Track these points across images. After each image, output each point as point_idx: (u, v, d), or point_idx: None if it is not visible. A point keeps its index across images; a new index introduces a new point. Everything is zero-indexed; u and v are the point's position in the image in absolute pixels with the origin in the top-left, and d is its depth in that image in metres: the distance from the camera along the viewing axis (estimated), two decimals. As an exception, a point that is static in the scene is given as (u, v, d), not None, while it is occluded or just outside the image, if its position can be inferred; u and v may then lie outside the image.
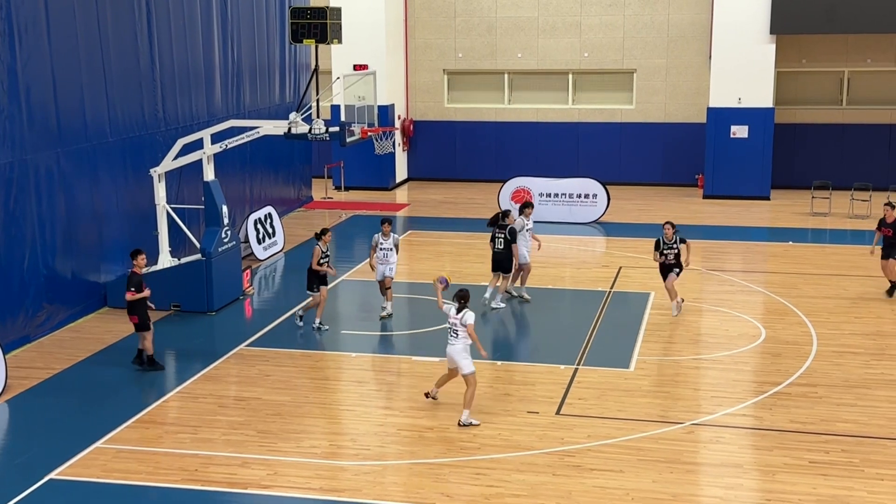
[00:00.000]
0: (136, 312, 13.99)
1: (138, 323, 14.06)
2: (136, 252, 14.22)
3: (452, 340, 12.30)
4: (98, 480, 10.82)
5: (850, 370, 14.05)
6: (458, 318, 12.25)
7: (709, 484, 10.82)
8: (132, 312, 14.03)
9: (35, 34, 15.16)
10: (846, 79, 27.90)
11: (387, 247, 16.38)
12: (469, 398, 12.16)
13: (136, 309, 13.97)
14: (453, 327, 12.31)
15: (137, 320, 14.03)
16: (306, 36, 16.60)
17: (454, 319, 12.32)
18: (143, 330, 14.07)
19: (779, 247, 21.87)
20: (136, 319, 14.02)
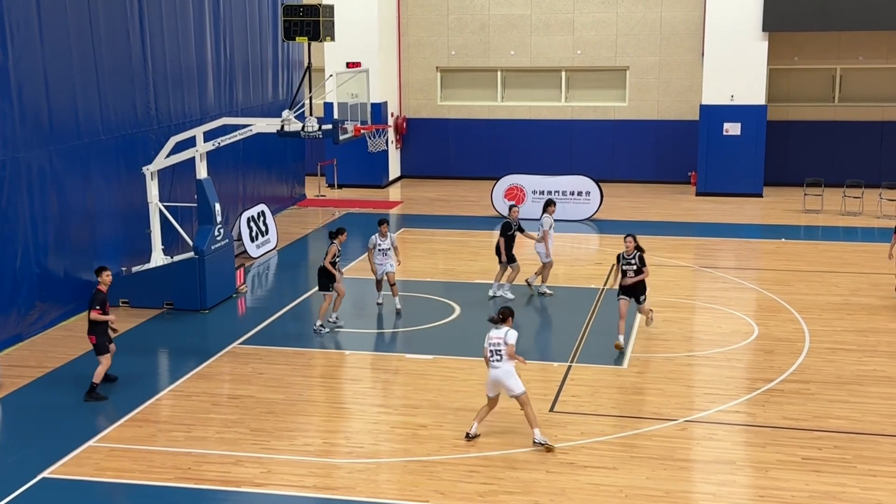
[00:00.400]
0: (95, 333, 12.92)
1: (97, 344, 12.94)
2: (102, 269, 13.24)
3: (496, 363, 11.29)
4: (91, 479, 10.80)
5: (843, 367, 14.09)
6: (503, 337, 11.34)
7: (702, 481, 10.85)
8: (92, 332, 12.92)
9: (27, 32, 15.11)
10: (838, 76, 27.97)
11: (385, 247, 16.37)
12: (533, 417, 11.42)
13: (96, 329, 12.91)
14: (496, 349, 11.31)
15: (96, 341, 12.94)
16: (299, 33, 16.57)
17: (497, 340, 11.33)
18: (100, 353, 12.96)
19: (771, 244, 21.92)
20: (95, 340, 12.94)
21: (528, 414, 11.45)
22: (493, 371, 11.37)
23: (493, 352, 11.37)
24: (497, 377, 11.36)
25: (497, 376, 11.36)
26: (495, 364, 11.35)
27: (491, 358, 11.38)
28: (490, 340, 11.40)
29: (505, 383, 11.35)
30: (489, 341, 11.40)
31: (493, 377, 11.40)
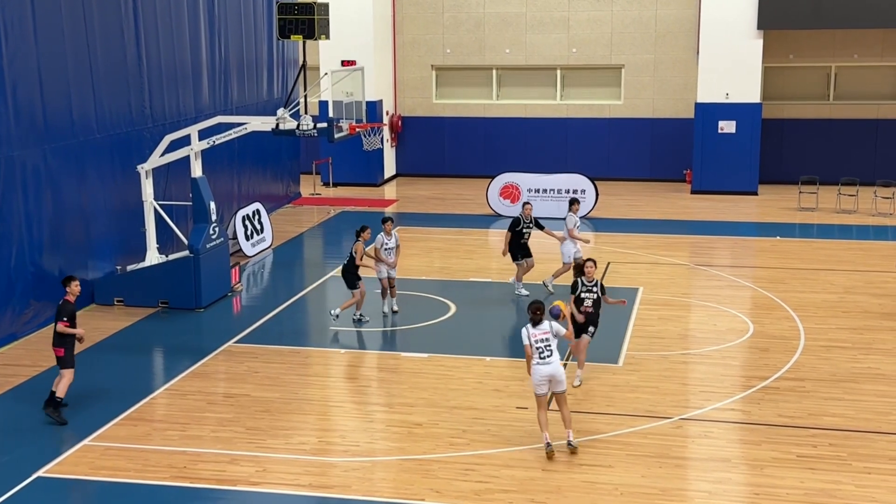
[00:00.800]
0: (63, 345, 12.23)
1: (63, 357, 12.24)
2: (70, 278, 12.53)
3: (549, 359, 11.11)
4: (86, 478, 10.79)
5: (838, 364, 14.11)
6: (551, 332, 11.19)
7: (697, 478, 10.86)
8: (59, 344, 12.22)
9: (21, 30, 15.07)
10: (833, 74, 28.00)
11: (391, 245, 16.34)
12: (570, 417, 11.36)
13: (63, 341, 12.22)
14: (545, 344, 11.13)
15: (63, 353, 12.24)
16: (294, 32, 16.56)
17: (543, 336, 11.15)
18: (67, 367, 12.26)
19: (766, 242, 21.94)
20: (62, 352, 12.23)
21: (567, 413, 11.34)
22: (547, 367, 11.10)
23: (542, 348, 11.12)
24: (554, 371, 11.12)
25: (553, 370, 11.11)
26: (548, 360, 11.11)
27: (542, 355, 11.11)
28: (534, 338, 11.12)
29: (561, 376, 11.18)
30: (533, 339, 11.11)
31: (549, 372, 11.11)
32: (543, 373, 11.14)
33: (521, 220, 17.20)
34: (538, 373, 11.14)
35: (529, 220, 17.23)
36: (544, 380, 11.16)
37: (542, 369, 11.14)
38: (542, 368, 11.14)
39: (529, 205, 17.46)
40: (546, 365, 11.13)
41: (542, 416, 11.22)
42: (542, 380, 11.16)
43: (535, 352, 11.15)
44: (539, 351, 11.14)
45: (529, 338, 11.17)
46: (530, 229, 17.27)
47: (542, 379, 11.16)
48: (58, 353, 12.33)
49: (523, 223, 17.18)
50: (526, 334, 11.20)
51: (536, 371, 11.15)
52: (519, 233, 17.19)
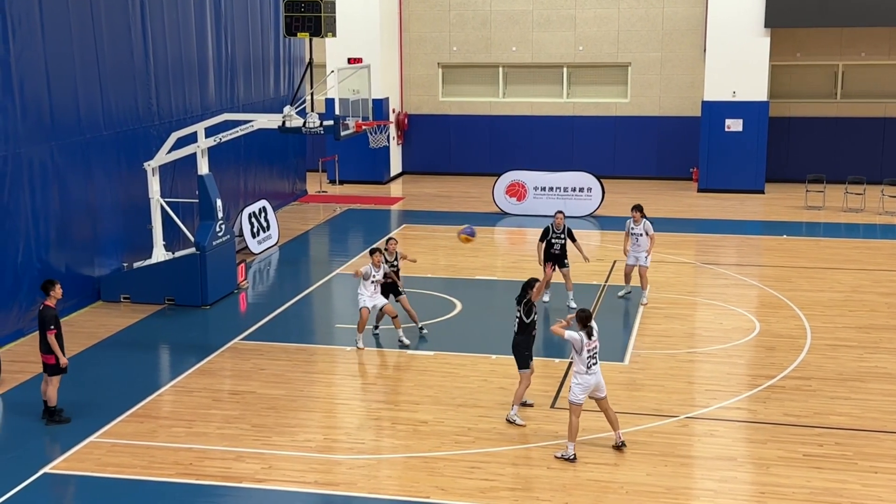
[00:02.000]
0: (53, 351, 11.98)
1: (53, 365, 12.01)
2: (52, 282, 12.18)
3: (595, 368, 11.12)
4: (93, 474, 10.81)
5: (844, 363, 14.08)
6: (598, 341, 11.22)
7: (703, 477, 10.84)
8: (48, 351, 11.98)
9: (28, 27, 15.10)
10: (840, 72, 27.93)
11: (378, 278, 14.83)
12: (616, 418, 11.40)
13: (53, 348, 12.01)
14: (594, 353, 11.14)
15: (54, 360, 12.01)
16: (300, 29, 16.56)
17: (594, 344, 11.14)
18: (57, 373, 12.08)
19: (773, 240, 21.90)
20: (53, 360, 12.01)
21: (613, 416, 11.37)
22: (594, 377, 11.09)
23: (592, 356, 11.09)
24: (599, 381, 11.15)
25: (599, 380, 11.15)
26: (594, 370, 11.10)
27: (590, 364, 11.07)
28: (587, 346, 11.05)
29: (603, 383, 11.24)
30: (586, 346, 11.04)
31: (595, 382, 11.12)
32: (591, 382, 11.11)
33: (551, 230, 16.53)
34: (585, 382, 11.10)
35: (560, 230, 16.48)
36: (589, 389, 11.14)
37: (589, 379, 11.10)
38: (590, 378, 11.10)
39: (561, 213, 16.60)
40: (593, 375, 11.11)
41: (576, 423, 11.10)
42: (586, 389, 11.11)
43: (586, 361, 11.06)
44: (589, 360, 11.09)
45: (583, 345, 11.04)
46: (561, 240, 16.48)
47: (587, 388, 11.12)
48: (48, 361, 12.06)
49: (553, 233, 16.49)
50: (579, 339, 11.05)
51: (584, 381, 11.09)
52: (549, 243, 16.53)
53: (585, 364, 11.07)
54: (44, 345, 12.07)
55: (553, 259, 16.35)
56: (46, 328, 11.95)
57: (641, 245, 16.95)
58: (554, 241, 16.51)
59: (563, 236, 16.55)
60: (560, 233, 16.53)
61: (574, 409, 11.10)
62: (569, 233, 16.64)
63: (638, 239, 17.00)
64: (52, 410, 12.21)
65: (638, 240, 16.99)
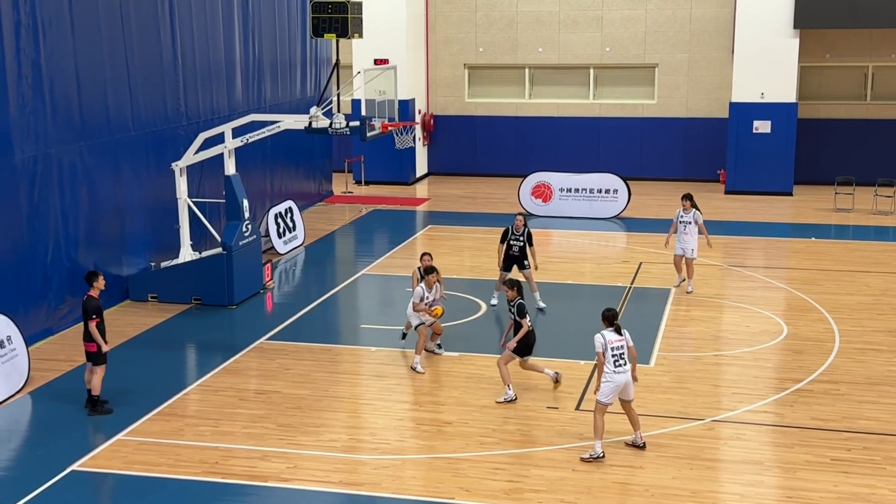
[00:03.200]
0: (94, 340, 12.27)
1: (95, 353, 12.30)
2: (95, 274, 12.49)
3: (623, 368, 10.98)
4: (120, 472, 10.90)
5: (873, 367, 13.95)
6: (625, 339, 11.04)
7: (729, 481, 10.77)
8: (91, 340, 12.27)
9: (59, 28, 15.25)
10: (870, 74, 27.66)
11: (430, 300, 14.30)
12: (637, 418, 11.36)
13: (94, 337, 12.28)
14: (620, 352, 10.96)
15: (95, 349, 12.30)
16: (327, 30, 16.61)
17: (619, 343, 10.99)
18: (100, 363, 12.35)
19: (801, 243, 21.73)
20: (95, 348, 12.29)
21: (635, 416, 11.33)
22: (622, 376, 10.96)
23: (617, 356, 10.96)
24: (627, 380, 11.02)
25: (627, 379, 11.01)
26: (622, 369, 10.96)
27: (617, 363, 10.95)
28: (611, 345, 10.92)
29: (631, 387, 11.13)
30: (609, 345, 10.92)
31: (624, 381, 10.97)
32: (619, 381, 10.99)
33: (511, 232, 16.45)
34: (613, 381, 10.97)
35: (520, 232, 16.39)
36: (617, 389, 11.01)
37: (617, 378, 10.99)
38: (618, 377, 10.99)
39: (521, 216, 16.59)
40: (622, 374, 10.99)
41: (602, 422, 11.03)
42: (614, 389, 10.99)
43: (611, 360, 10.95)
44: (615, 359, 10.97)
45: (606, 345, 10.94)
46: (519, 242, 16.37)
47: (616, 388, 11.00)
48: (90, 349, 12.37)
49: (512, 234, 16.46)
50: (601, 342, 10.96)
51: (612, 380, 10.97)
52: (508, 244, 16.47)
53: (612, 363, 10.98)
54: (87, 333, 12.31)
55: (512, 260, 16.50)
56: (89, 317, 12.19)
57: (689, 234, 17.44)
58: (513, 242, 16.46)
59: (522, 239, 16.47)
60: (519, 235, 16.47)
61: (599, 408, 11.05)
62: (528, 236, 16.51)
63: (686, 227, 17.51)
64: (94, 400, 12.42)
65: (686, 227, 17.51)
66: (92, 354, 12.38)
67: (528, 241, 16.50)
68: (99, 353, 12.33)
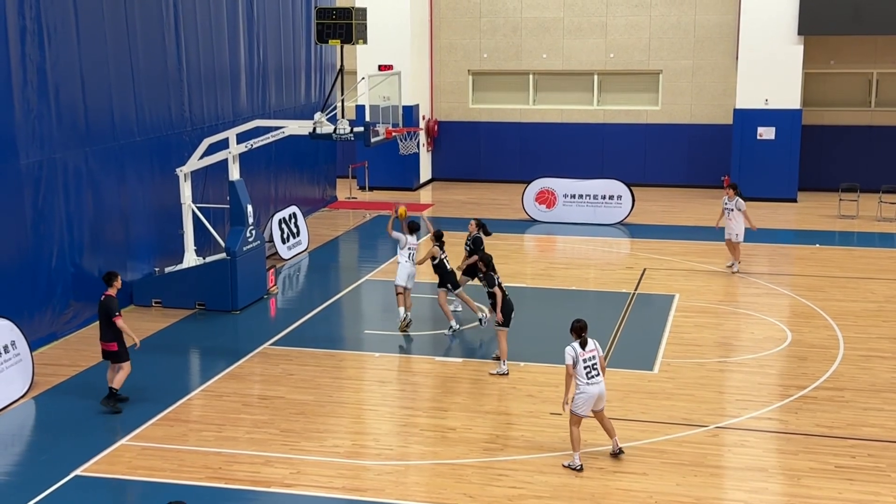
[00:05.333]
0: (115, 339, 12.56)
1: (117, 352, 12.58)
2: (114, 274, 12.80)
3: (597, 378, 10.90)
4: (123, 477, 10.90)
5: (878, 374, 13.92)
6: (595, 350, 11.00)
7: (733, 488, 10.75)
8: (112, 339, 12.54)
9: (64, 34, 15.29)
10: (875, 80, 27.65)
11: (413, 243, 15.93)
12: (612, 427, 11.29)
13: (116, 335, 12.55)
14: (592, 363, 10.92)
15: (117, 348, 12.58)
16: (332, 36, 16.63)
17: (591, 354, 10.94)
18: (122, 360, 12.66)
19: (806, 249, 21.70)
20: (116, 347, 12.58)
21: (609, 425, 11.27)
22: (595, 388, 10.89)
23: (590, 367, 10.89)
24: (602, 392, 10.96)
25: (601, 390, 10.95)
26: (595, 380, 10.90)
27: (589, 374, 10.87)
28: (583, 357, 10.86)
29: (604, 394, 11.05)
30: (581, 357, 10.85)
31: (597, 392, 10.91)
32: (592, 392, 10.91)
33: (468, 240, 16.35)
34: (586, 393, 10.89)
35: (470, 238, 16.32)
36: (591, 400, 10.93)
37: (591, 389, 10.90)
38: (591, 389, 10.91)
39: (473, 222, 16.50)
40: (594, 385, 10.92)
41: (577, 434, 10.99)
42: (588, 400, 10.91)
43: (584, 372, 10.86)
44: (587, 370, 10.89)
45: (577, 357, 10.86)
46: (466, 248, 16.42)
47: (589, 399, 10.91)
48: (111, 349, 12.61)
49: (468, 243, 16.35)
50: (572, 353, 10.88)
51: (584, 391, 10.89)
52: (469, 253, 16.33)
53: (584, 375, 10.86)
54: (107, 333, 12.54)
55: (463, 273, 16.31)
56: (113, 315, 12.43)
57: (734, 219, 18.95)
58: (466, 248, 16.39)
59: (468, 245, 16.30)
60: (468, 242, 16.32)
61: (574, 419, 10.97)
62: (474, 241, 16.22)
63: (730, 213, 18.99)
64: (112, 393, 12.62)
65: (730, 214, 19.00)
66: (113, 353, 12.60)
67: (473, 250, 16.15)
68: (121, 351, 12.57)
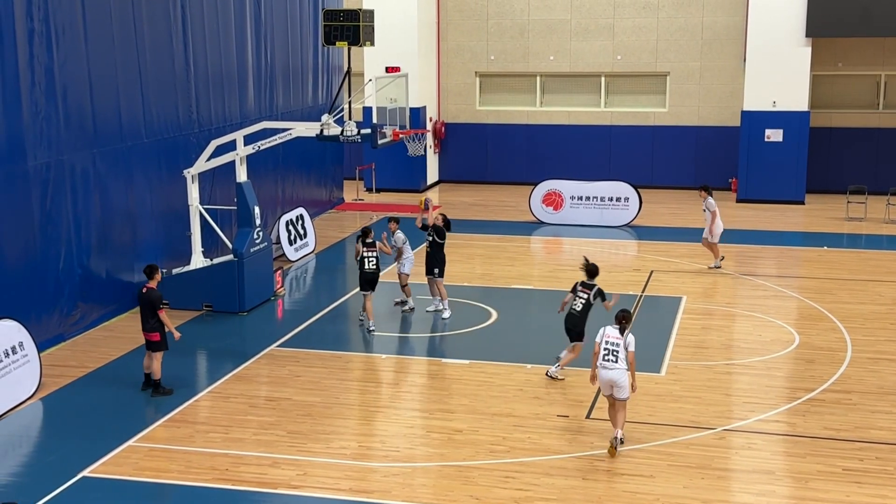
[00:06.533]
0: (158, 329, 13.08)
1: (159, 342, 13.12)
2: (155, 267, 13.41)
3: (611, 364, 11.27)
4: (130, 478, 10.91)
5: (885, 377, 13.88)
6: (622, 340, 11.31)
7: (740, 490, 10.72)
8: (154, 329, 13.09)
9: (72, 36, 15.33)
10: (883, 82, 27.58)
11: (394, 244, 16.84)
12: (623, 420, 11.47)
13: (159, 325, 13.07)
14: (613, 349, 11.27)
15: (159, 338, 13.12)
16: (339, 38, 16.65)
17: (615, 340, 11.31)
18: (160, 350, 13.17)
19: (813, 252, 21.65)
20: (158, 337, 13.11)
21: (621, 418, 11.46)
22: (608, 373, 11.31)
23: (608, 351, 11.31)
24: (613, 378, 11.30)
25: (613, 378, 11.29)
26: (609, 365, 11.30)
27: (605, 358, 11.32)
28: (607, 339, 11.37)
29: (620, 384, 11.30)
30: (605, 339, 11.38)
31: (607, 378, 11.32)
32: (601, 376, 11.42)
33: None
34: (598, 376, 11.48)
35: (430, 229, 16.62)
36: (604, 383, 11.44)
37: (602, 373, 11.40)
38: (601, 371, 11.40)
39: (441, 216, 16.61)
40: (606, 370, 11.34)
41: (610, 412, 11.61)
42: (602, 381, 11.45)
43: (602, 354, 11.36)
44: (605, 353, 11.35)
45: (603, 337, 11.43)
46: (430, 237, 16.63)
47: (602, 381, 11.45)
48: (154, 338, 13.12)
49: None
50: (601, 334, 11.49)
51: (599, 373, 11.45)
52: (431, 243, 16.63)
53: (602, 357, 11.39)
54: (149, 323, 13.07)
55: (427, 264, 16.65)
56: (157, 307, 13.01)
57: (707, 220, 19.60)
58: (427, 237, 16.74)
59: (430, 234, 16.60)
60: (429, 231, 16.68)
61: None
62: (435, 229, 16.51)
63: (705, 214, 19.73)
64: (156, 384, 13.20)
65: (705, 214, 19.72)
66: (155, 343, 13.13)
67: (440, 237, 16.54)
68: (162, 341, 13.11)
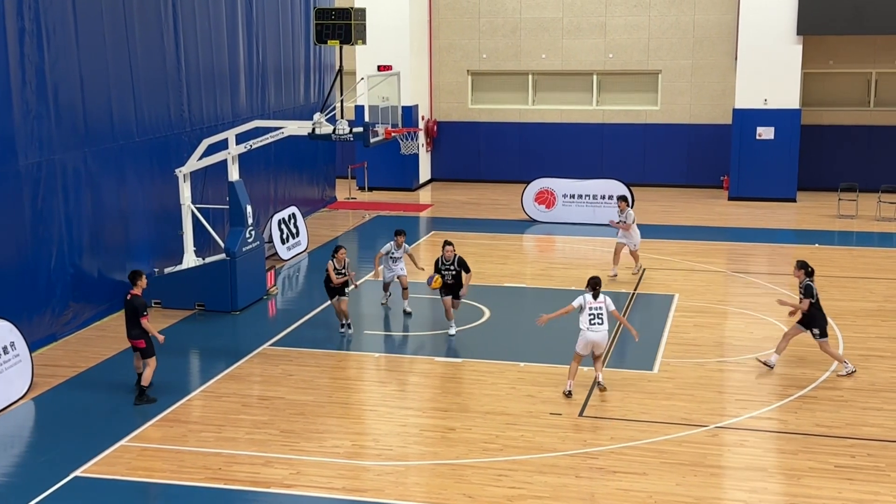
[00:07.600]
0: (143, 336, 12.88)
1: (145, 348, 12.92)
2: (139, 273, 13.16)
3: (598, 327, 12.82)
4: (122, 478, 10.90)
5: (877, 374, 13.92)
6: (603, 303, 12.88)
7: (733, 487, 10.75)
8: (139, 336, 12.88)
9: (63, 34, 15.29)
10: (874, 80, 27.65)
11: (398, 255, 16.77)
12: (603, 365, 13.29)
13: (143, 332, 12.87)
14: (598, 313, 12.81)
15: (145, 345, 12.91)
16: (331, 37, 16.64)
17: (598, 305, 12.84)
18: (150, 356, 12.95)
19: (805, 249, 21.69)
20: (144, 344, 12.91)
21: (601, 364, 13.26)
22: (595, 335, 12.85)
23: (594, 315, 12.83)
24: (600, 339, 12.89)
25: (599, 339, 12.88)
26: (596, 328, 12.83)
27: (592, 322, 12.82)
28: (591, 305, 12.85)
29: (603, 344, 12.97)
30: (589, 305, 12.83)
31: (596, 339, 12.87)
32: (590, 338, 12.86)
33: (441, 262, 15.58)
34: (585, 337, 12.87)
35: (450, 261, 15.51)
36: (589, 345, 12.90)
37: (589, 335, 12.86)
38: (590, 334, 12.86)
39: (450, 246, 15.60)
40: (594, 333, 12.85)
41: (575, 368, 13.08)
42: (587, 344, 12.89)
43: (587, 318, 12.82)
44: (591, 318, 12.82)
45: (585, 304, 12.84)
46: (450, 271, 15.50)
47: (588, 343, 12.89)
48: (139, 345, 12.95)
49: (443, 265, 15.54)
50: (581, 300, 12.89)
51: (584, 336, 12.86)
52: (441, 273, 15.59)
53: (588, 321, 12.83)
54: (134, 331, 12.89)
55: (447, 289, 15.58)
56: (140, 314, 12.81)
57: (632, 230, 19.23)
58: (444, 272, 15.60)
59: (454, 267, 15.57)
60: (450, 265, 15.58)
61: (575, 356, 13.05)
62: (461, 263, 15.57)
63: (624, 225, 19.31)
64: (142, 390, 12.96)
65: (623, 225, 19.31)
66: (142, 350, 12.98)
67: (464, 268, 15.59)
68: (149, 348, 12.93)
